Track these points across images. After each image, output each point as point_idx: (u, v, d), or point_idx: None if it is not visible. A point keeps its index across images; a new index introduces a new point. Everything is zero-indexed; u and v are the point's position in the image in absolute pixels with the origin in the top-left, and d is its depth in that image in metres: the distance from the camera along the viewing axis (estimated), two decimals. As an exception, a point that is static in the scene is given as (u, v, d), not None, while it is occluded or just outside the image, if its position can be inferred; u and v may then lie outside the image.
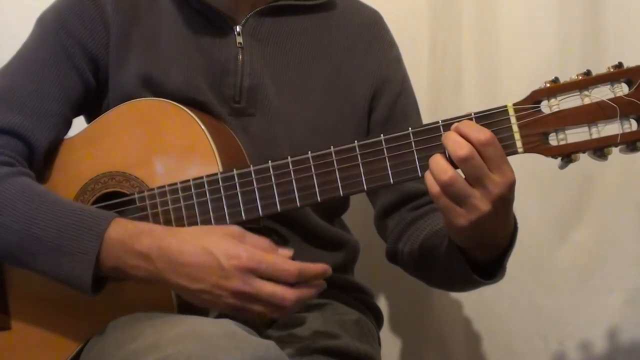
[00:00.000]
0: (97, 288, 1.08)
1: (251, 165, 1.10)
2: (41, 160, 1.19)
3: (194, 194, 1.11)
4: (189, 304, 1.10)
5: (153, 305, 1.11)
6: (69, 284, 1.08)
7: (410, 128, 1.04)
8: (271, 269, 1.01)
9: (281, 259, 1.03)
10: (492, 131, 0.99)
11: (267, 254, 1.02)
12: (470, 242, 1.08)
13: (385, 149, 1.05)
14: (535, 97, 1.01)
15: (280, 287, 1.01)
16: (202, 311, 1.07)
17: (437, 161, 1.00)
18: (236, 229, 1.06)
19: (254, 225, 1.11)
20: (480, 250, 1.09)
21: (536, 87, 1.01)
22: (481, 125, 1.00)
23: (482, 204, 0.99)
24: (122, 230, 1.06)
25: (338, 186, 1.07)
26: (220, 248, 1.02)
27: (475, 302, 1.68)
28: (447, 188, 0.99)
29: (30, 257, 1.08)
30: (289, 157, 1.08)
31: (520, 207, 1.15)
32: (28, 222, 1.08)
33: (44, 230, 1.07)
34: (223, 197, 1.10)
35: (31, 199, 1.10)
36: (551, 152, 1.01)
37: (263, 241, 1.05)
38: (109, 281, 1.10)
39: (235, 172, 1.10)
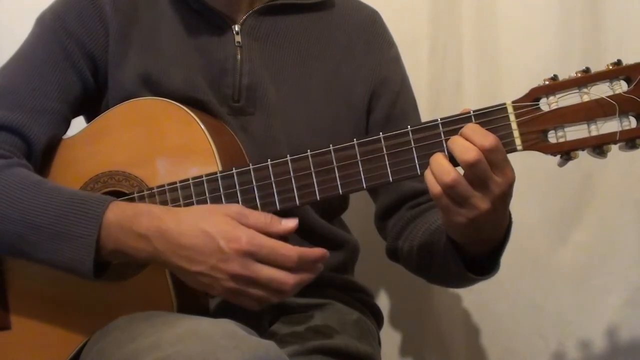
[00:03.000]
0: (99, 273, 1.08)
1: (250, 165, 1.10)
2: (39, 156, 1.19)
3: (193, 193, 1.11)
4: (189, 304, 1.10)
5: (153, 305, 1.10)
6: (71, 270, 1.07)
7: (409, 126, 1.04)
8: (271, 254, 1.00)
9: (281, 244, 1.02)
10: (491, 129, 1.00)
11: (268, 238, 1.02)
12: (468, 238, 1.08)
13: (384, 147, 1.05)
14: (534, 95, 1.01)
15: (279, 271, 1.00)
16: (202, 311, 1.07)
17: (439, 161, 1.00)
18: (236, 208, 1.05)
19: None
20: (477, 246, 1.10)
21: (535, 85, 1.02)
22: (480, 122, 1.00)
23: (483, 203, 1.00)
24: (120, 213, 1.06)
25: (337, 185, 1.07)
26: (220, 230, 1.01)
27: (475, 302, 1.69)
28: (449, 190, 0.99)
29: (31, 247, 1.08)
30: (288, 156, 1.08)
31: (520, 207, 1.15)
32: (27, 211, 1.08)
33: (43, 218, 1.07)
34: (222, 196, 1.10)
35: (29, 188, 1.10)
36: (550, 149, 1.01)
37: (265, 217, 1.04)
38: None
39: (234, 171, 1.09)
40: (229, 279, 1.01)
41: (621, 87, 0.98)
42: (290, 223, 1.05)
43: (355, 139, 1.06)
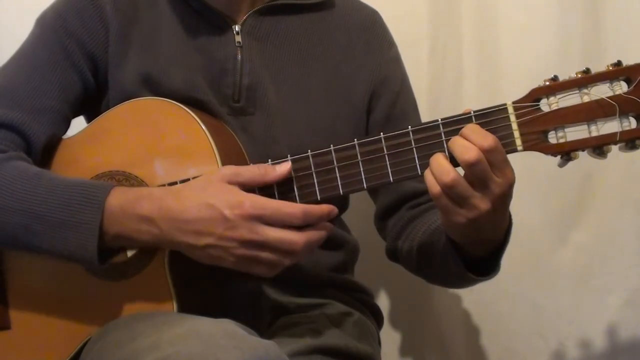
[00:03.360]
0: (103, 260, 1.07)
1: (251, 165, 1.10)
2: (39, 155, 1.19)
3: (194, 193, 1.11)
4: (189, 304, 1.11)
5: (153, 305, 1.11)
6: (75, 258, 1.07)
7: (410, 126, 1.04)
8: (276, 214, 1.01)
9: (284, 202, 1.02)
10: (491, 129, 1.00)
11: (270, 200, 1.02)
12: (468, 238, 1.08)
13: (384, 147, 1.05)
14: (535, 95, 1.01)
15: (287, 231, 1.01)
16: (202, 311, 1.07)
17: (439, 161, 1.00)
18: (229, 169, 1.06)
19: None
20: (477, 246, 1.10)
21: (535, 86, 1.02)
22: (481, 122, 1.01)
23: (482, 204, 1.00)
24: (122, 197, 1.06)
25: (338, 185, 1.07)
26: (221, 199, 1.01)
27: (475, 302, 1.69)
28: (448, 190, 0.99)
29: (34, 237, 1.08)
30: (289, 156, 1.08)
31: (520, 207, 1.15)
32: (29, 202, 1.08)
33: (45, 208, 1.07)
34: (223, 196, 1.10)
35: (29, 179, 1.10)
36: (551, 150, 1.01)
37: (259, 168, 1.06)
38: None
39: (235, 171, 1.09)
40: (239, 245, 1.01)
41: (621, 87, 0.99)
42: (285, 166, 1.06)
43: (356, 139, 1.06)
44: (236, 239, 1.01)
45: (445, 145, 1.02)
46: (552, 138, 1.01)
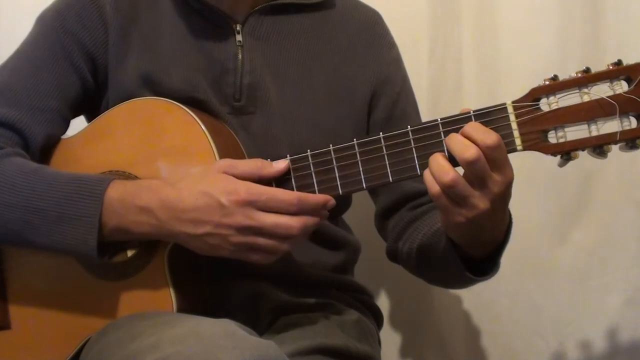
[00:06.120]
0: (102, 253, 1.08)
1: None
2: (37, 154, 1.20)
3: (194, 193, 1.11)
4: (189, 304, 1.10)
5: (153, 305, 1.11)
6: (74, 252, 1.08)
7: (409, 126, 1.04)
8: (271, 200, 1.02)
9: (279, 190, 1.04)
10: (491, 129, 1.00)
11: (265, 187, 1.04)
12: (468, 238, 1.08)
13: (384, 147, 1.05)
14: (535, 95, 1.01)
15: (283, 216, 1.02)
16: (201, 311, 1.06)
17: (438, 161, 1.00)
18: (225, 161, 1.07)
19: None
20: (477, 247, 1.10)
21: (535, 85, 1.02)
22: (480, 122, 1.00)
23: (481, 203, 1.00)
24: (121, 189, 1.07)
25: (337, 185, 1.07)
26: (217, 187, 1.03)
27: (475, 302, 1.69)
28: (448, 189, 0.99)
29: (35, 231, 1.09)
30: (288, 156, 1.08)
31: (521, 207, 1.15)
32: (28, 197, 1.09)
33: (45, 202, 1.08)
34: (223, 196, 1.10)
35: (28, 174, 1.11)
36: (550, 149, 1.01)
37: (255, 162, 1.07)
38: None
39: (235, 171, 1.10)
40: (236, 232, 1.02)
41: (621, 87, 0.98)
42: (282, 164, 1.07)
43: (355, 139, 1.06)
44: (233, 225, 1.02)
45: (444, 145, 1.02)
46: (552, 138, 1.01)
